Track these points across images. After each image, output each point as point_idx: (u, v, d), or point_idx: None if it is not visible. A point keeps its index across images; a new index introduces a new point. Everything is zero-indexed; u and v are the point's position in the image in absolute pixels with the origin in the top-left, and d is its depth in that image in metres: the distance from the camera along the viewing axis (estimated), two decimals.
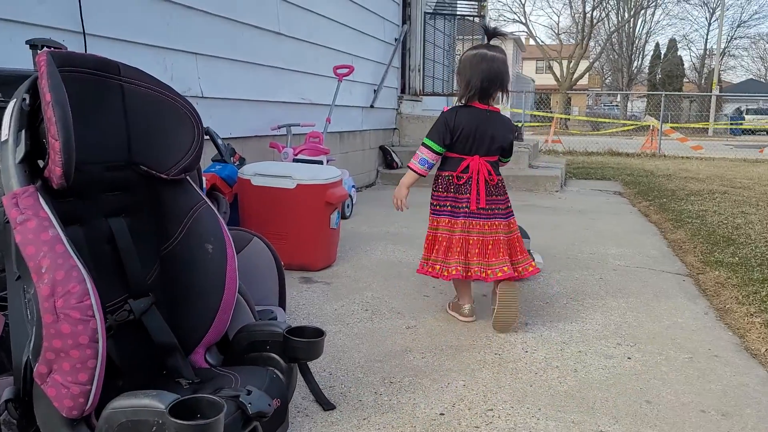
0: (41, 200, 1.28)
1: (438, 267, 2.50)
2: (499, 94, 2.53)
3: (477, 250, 2.46)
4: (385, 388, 1.96)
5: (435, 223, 2.54)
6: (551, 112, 21.00)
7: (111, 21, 3.00)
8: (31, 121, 1.35)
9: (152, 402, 1.16)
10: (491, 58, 2.44)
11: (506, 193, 2.57)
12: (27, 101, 1.34)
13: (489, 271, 2.44)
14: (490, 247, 2.47)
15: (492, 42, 2.53)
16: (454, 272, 2.44)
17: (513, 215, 2.58)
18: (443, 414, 1.80)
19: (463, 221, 2.47)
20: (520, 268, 2.51)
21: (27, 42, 1.76)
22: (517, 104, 21.02)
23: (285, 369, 1.60)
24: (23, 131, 1.33)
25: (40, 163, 1.36)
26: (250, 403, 1.34)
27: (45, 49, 1.44)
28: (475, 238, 2.47)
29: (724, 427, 1.77)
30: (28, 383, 1.27)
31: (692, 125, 20.92)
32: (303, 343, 1.59)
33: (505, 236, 2.50)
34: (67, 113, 1.30)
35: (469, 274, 2.45)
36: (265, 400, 1.38)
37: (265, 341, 1.61)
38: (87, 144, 1.43)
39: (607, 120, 22.96)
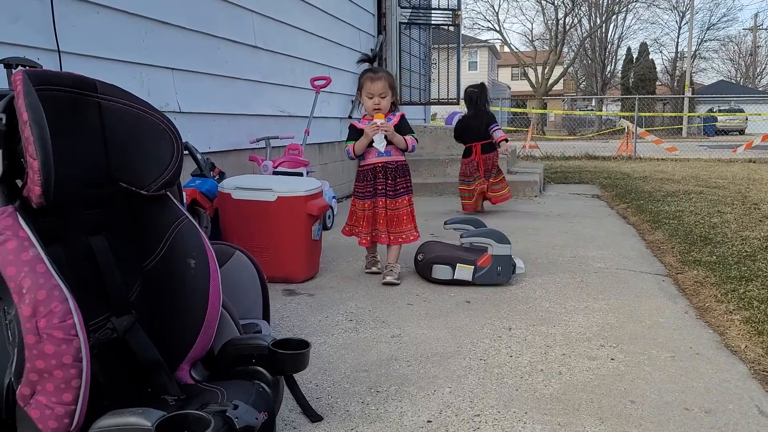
0: (20, 220, 1.27)
1: None
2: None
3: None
4: (371, 397, 1.96)
5: None
6: (528, 117, 21.21)
7: (86, 38, 2.98)
8: (7, 141, 1.33)
9: (139, 420, 1.15)
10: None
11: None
12: (3, 121, 1.33)
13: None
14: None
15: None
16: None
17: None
18: (431, 421, 1.81)
19: None
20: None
21: (1, 61, 1.76)
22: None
23: (271, 382, 1.59)
24: (0, 151, 1.32)
25: (18, 182, 1.35)
26: (237, 418, 1.34)
27: (20, 68, 1.44)
28: None
29: (708, 424, 1.79)
30: (10, 406, 1.26)
31: (667, 127, 21.21)
32: (289, 356, 1.59)
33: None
34: (45, 132, 1.29)
35: None
36: (252, 414, 1.38)
37: (251, 354, 1.60)
38: (65, 162, 1.42)
39: (586, 112, 23.16)
